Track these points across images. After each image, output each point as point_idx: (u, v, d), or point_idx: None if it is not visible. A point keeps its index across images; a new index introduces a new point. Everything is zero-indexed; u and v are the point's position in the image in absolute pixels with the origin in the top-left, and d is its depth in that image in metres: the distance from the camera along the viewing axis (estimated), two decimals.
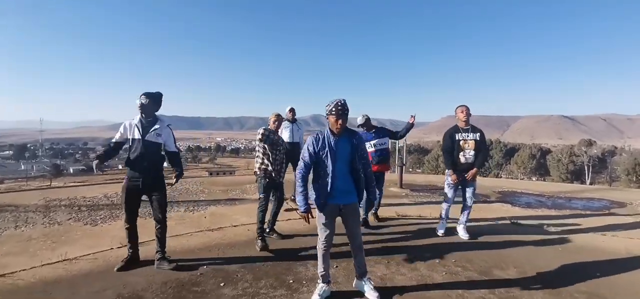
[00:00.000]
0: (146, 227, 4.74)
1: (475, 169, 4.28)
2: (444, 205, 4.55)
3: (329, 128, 2.75)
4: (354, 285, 2.99)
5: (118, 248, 3.91)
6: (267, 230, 4.29)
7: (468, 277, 3.28)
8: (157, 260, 3.39)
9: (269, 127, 4.16)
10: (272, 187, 4.09)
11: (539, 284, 3.17)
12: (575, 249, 4.16)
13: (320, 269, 2.84)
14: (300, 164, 2.78)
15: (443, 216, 4.56)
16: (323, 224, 2.77)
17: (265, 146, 4.00)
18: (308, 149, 2.75)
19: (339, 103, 2.65)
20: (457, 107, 4.42)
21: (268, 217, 4.19)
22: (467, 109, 4.36)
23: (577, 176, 35.99)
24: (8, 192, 8.02)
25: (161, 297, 2.82)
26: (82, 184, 10.13)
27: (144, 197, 3.41)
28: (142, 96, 3.30)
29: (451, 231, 4.58)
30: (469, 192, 4.39)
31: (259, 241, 3.93)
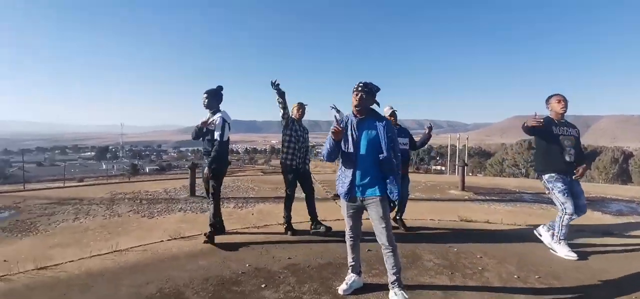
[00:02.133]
0: (192, 222, 4.76)
1: (585, 166, 3.45)
2: (568, 217, 3.46)
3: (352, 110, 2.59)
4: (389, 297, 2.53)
5: (167, 240, 3.90)
6: (313, 226, 4.31)
7: (557, 297, 2.65)
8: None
9: (293, 116, 4.23)
10: (297, 179, 4.22)
11: (612, 287, 2.45)
12: None
13: (349, 259, 2.77)
14: (325, 147, 2.64)
15: (564, 235, 3.54)
16: (347, 216, 2.67)
17: (289, 135, 4.11)
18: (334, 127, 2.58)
19: (361, 81, 2.52)
20: (551, 97, 3.66)
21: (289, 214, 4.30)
22: (565, 99, 3.60)
23: None
24: (79, 186, 8.78)
25: (201, 294, 2.66)
26: (148, 180, 10.85)
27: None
28: (204, 94, 3.88)
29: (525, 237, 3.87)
30: (582, 199, 3.51)
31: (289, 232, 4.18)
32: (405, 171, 4.49)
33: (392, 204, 2.60)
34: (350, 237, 2.73)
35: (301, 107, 4.29)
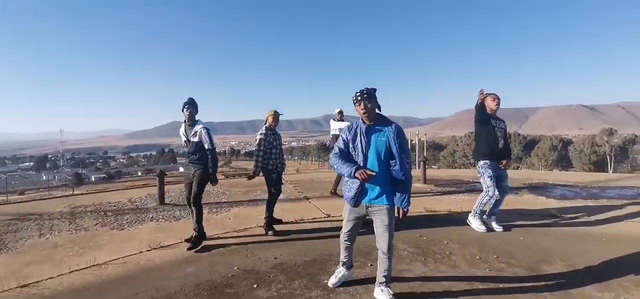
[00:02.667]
0: (168, 230, 4.71)
1: (508, 160, 4.24)
2: (489, 199, 4.21)
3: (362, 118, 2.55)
4: (374, 295, 2.67)
5: (147, 251, 3.85)
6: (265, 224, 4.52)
7: (515, 273, 3.08)
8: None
9: (269, 124, 4.51)
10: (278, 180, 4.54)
11: (588, 276, 2.96)
12: (620, 239, 3.90)
13: (342, 256, 2.89)
14: (335, 154, 2.58)
15: (491, 213, 4.35)
16: (348, 219, 2.69)
17: (269, 143, 4.41)
18: (342, 136, 2.63)
19: (358, 90, 2.48)
20: (487, 95, 4.25)
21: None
22: (499, 97, 4.30)
23: (600, 166, 34.66)
24: (31, 201, 8.13)
25: (197, 297, 2.72)
26: (106, 190, 10.27)
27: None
28: (186, 106, 3.95)
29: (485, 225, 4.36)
30: (505, 181, 4.27)
31: (270, 231, 4.35)
32: None
33: (404, 211, 2.51)
34: (346, 240, 2.78)
35: (277, 115, 4.56)
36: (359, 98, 2.46)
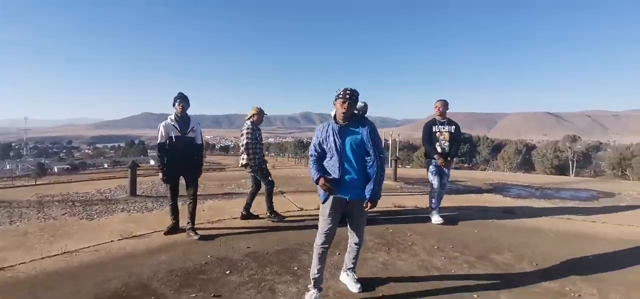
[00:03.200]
0: (139, 221, 4.74)
1: (449, 159, 4.66)
2: (434, 193, 4.76)
3: (334, 116, 2.60)
4: (340, 278, 2.90)
5: (118, 240, 3.88)
6: (269, 214, 4.78)
7: (466, 260, 3.39)
8: (188, 229, 4.07)
9: (254, 120, 4.65)
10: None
11: (533, 266, 3.30)
12: (567, 234, 4.33)
13: (314, 270, 2.56)
14: (311, 155, 2.66)
15: (433, 205, 4.78)
16: (326, 216, 2.56)
17: (255, 138, 4.58)
18: (313, 142, 2.67)
19: (348, 89, 2.48)
20: (435, 102, 4.80)
21: (248, 200, 4.88)
22: (443, 103, 4.74)
23: (561, 170, 36.89)
24: (2, 188, 7.80)
25: (168, 285, 2.83)
26: (73, 181, 9.94)
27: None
28: (179, 100, 3.99)
29: (446, 220, 4.70)
30: (444, 180, 4.75)
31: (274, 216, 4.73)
32: None
33: (371, 203, 2.53)
34: (323, 243, 2.56)
35: (262, 113, 4.72)
36: (348, 98, 2.47)
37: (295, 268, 3.15)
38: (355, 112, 2.62)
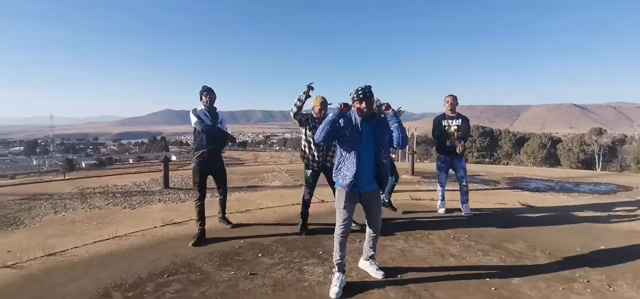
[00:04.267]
0: (176, 210, 5.17)
1: (461, 144, 4.71)
2: (439, 188, 5.02)
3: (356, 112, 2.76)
4: (359, 265, 3.14)
5: (161, 226, 4.31)
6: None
7: (481, 249, 3.62)
8: (220, 218, 4.35)
9: (316, 114, 3.95)
10: (318, 175, 4.04)
11: (545, 254, 3.49)
12: (581, 226, 4.45)
13: (336, 256, 2.78)
14: (330, 122, 2.67)
15: (439, 197, 5.06)
16: (343, 207, 2.75)
17: (306, 130, 3.92)
18: (334, 117, 2.68)
19: (360, 88, 2.67)
20: (445, 97, 4.97)
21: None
22: (453, 98, 4.91)
23: (587, 164, 35.72)
24: (38, 182, 8.50)
25: (209, 264, 3.20)
26: (106, 175, 10.63)
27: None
28: (207, 92, 3.94)
29: (458, 210, 4.91)
30: (460, 173, 4.87)
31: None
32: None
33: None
34: (343, 232, 2.75)
35: (325, 104, 3.93)
36: (362, 97, 2.65)
37: (320, 252, 3.47)
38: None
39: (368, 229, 3.00)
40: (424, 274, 3.04)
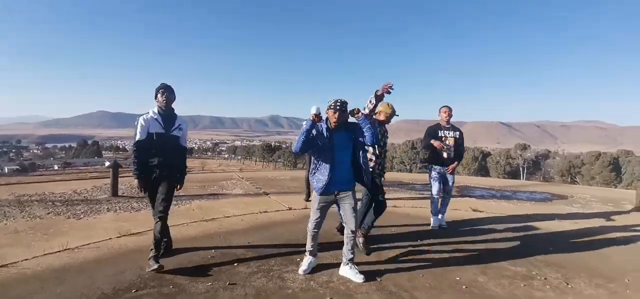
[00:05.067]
0: (131, 220, 4.76)
1: (455, 163, 4.70)
2: (434, 199, 4.77)
3: (326, 121, 3.03)
4: (340, 272, 3.12)
5: (117, 238, 3.94)
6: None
7: (444, 248, 3.86)
8: (150, 258, 3.05)
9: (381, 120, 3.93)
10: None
11: (503, 254, 3.81)
12: (530, 229, 4.95)
13: (308, 246, 3.17)
14: (304, 133, 2.95)
15: (433, 211, 4.80)
16: (317, 208, 3.07)
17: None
18: (307, 128, 2.94)
19: (338, 100, 2.97)
20: (440, 108, 4.83)
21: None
22: (450, 109, 4.79)
23: (513, 175, 39.95)
24: None
25: (182, 276, 2.99)
26: (47, 181, 9.45)
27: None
28: (163, 90, 3.25)
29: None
30: (448, 186, 4.76)
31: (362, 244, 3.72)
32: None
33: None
34: (314, 228, 3.12)
35: (393, 114, 4.04)
36: (339, 108, 2.95)
37: (298, 260, 3.40)
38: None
39: (346, 230, 3.11)
40: (400, 275, 3.15)
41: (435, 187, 4.76)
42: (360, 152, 3.09)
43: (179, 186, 3.42)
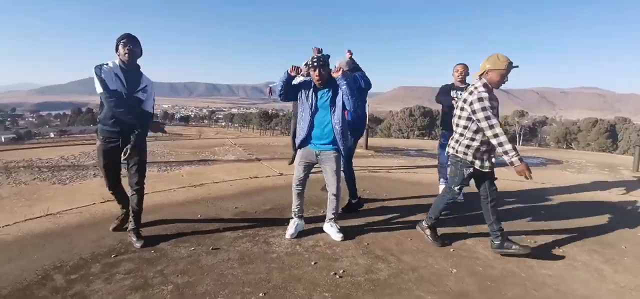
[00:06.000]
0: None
1: None
2: (441, 167, 4.37)
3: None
4: (324, 228, 3.18)
5: (101, 203, 3.86)
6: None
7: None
8: (130, 230, 2.92)
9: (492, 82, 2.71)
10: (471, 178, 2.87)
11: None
12: (521, 195, 4.91)
13: (293, 206, 3.12)
14: (283, 79, 2.86)
15: (441, 177, 4.43)
16: (298, 164, 3.03)
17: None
18: (283, 78, 2.85)
19: (314, 57, 2.82)
20: (455, 65, 4.21)
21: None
22: (464, 67, 4.14)
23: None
24: None
25: (165, 241, 2.92)
26: (36, 146, 9.30)
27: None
28: (127, 41, 2.70)
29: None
30: None
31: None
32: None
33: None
34: (298, 185, 3.05)
35: (509, 68, 2.67)
36: (316, 65, 2.79)
37: (285, 224, 3.36)
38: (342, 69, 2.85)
39: (329, 192, 3.06)
40: (388, 239, 3.12)
41: (443, 154, 4.17)
42: (352, 105, 2.81)
43: (126, 152, 2.75)
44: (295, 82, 2.97)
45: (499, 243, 2.83)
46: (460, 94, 3.97)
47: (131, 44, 2.71)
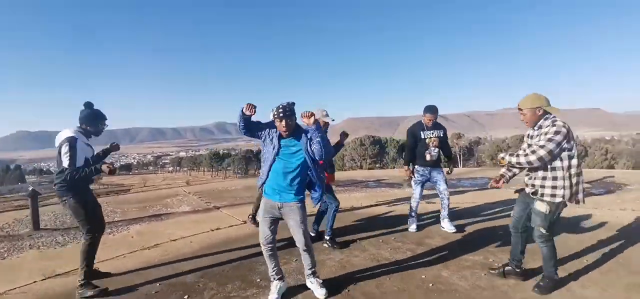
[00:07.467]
0: (56, 258, 4.10)
1: (452, 165, 4.72)
2: (413, 202, 4.53)
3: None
4: (307, 284, 2.97)
5: (42, 280, 3.33)
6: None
7: (408, 248, 3.84)
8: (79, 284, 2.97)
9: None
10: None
11: (461, 246, 3.90)
12: (480, 219, 5.18)
13: (270, 270, 2.83)
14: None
15: (412, 213, 4.56)
16: (262, 220, 2.77)
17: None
18: (239, 114, 2.66)
19: (281, 106, 2.60)
20: (425, 112, 4.43)
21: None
22: (434, 114, 4.42)
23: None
24: None
25: None
26: None
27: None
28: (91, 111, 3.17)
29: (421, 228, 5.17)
30: (441, 185, 4.41)
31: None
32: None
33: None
34: (267, 246, 2.75)
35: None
36: (282, 116, 2.58)
37: (258, 280, 3.14)
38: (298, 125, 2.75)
39: (299, 247, 2.83)
40: (367, 283, 3.04)
41: (416, 191, 4.45)
42: (313, 168, 2.72)
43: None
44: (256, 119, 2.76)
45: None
46: (431, 133, 4.40)
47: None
